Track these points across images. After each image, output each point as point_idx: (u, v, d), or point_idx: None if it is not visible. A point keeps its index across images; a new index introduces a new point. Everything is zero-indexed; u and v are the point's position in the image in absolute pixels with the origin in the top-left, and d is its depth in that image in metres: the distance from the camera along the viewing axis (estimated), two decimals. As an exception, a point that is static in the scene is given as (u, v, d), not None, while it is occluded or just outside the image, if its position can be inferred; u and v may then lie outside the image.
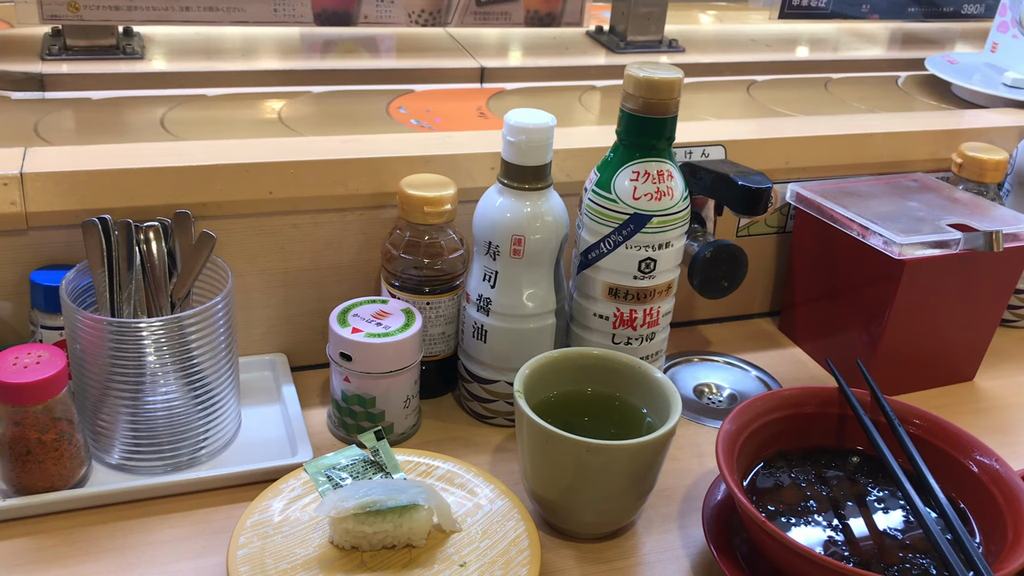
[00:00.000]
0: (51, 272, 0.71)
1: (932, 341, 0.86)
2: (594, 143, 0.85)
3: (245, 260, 0.78)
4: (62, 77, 0.96)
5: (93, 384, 0.67)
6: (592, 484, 0.63)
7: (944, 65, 1.22)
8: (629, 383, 0.70)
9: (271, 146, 0.79)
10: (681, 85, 0.69)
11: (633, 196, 0.70)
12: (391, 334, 0.71)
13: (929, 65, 1.21)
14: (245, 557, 0.60)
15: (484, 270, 0.74)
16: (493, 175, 0.73)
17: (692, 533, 0.68)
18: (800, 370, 0.90)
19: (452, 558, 0.62)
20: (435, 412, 0.80)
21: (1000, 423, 0.84)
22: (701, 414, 0.82)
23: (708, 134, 0.90)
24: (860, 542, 0.62)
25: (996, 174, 0.92)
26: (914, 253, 0.79)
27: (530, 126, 0.69)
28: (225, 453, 0.72)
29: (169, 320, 0.66)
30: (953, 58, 1.26)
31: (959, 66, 1.22)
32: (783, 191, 0.93)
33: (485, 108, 0.96)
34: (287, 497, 0.65)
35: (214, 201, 0.75)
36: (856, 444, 0.70)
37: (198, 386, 0.69)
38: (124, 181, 0.72)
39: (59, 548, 0.63)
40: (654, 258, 0.72)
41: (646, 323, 0.74)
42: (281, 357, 0.82)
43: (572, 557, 0.65)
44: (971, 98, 1.15)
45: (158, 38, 1.10)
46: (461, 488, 0.67)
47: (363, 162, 0.78)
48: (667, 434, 0.63)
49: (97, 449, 0.69)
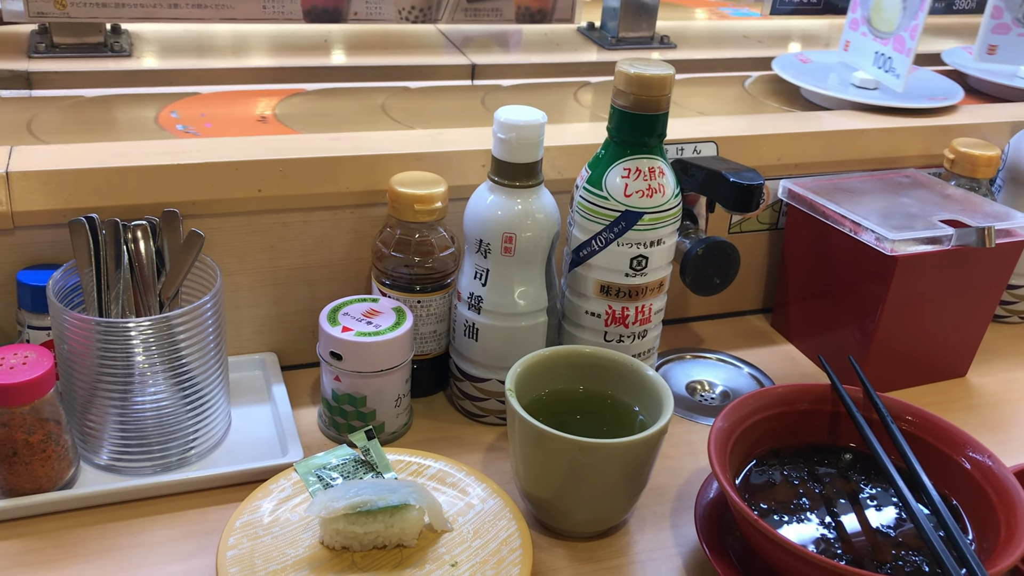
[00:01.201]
0: (38, 272, 0.70)
1: (925, 337, 0.86)
2: (586, 140, 0.84)
3: (235, 259, 0.77)
4: (49, 75, 0.95)
5: (81, 384, 0.66)
6: (584, 483, 0.63)
7: (794, 65, 1.13)
8: (621, 381, 0.70)
9: (260, 144, 0.78)
10: (672, 81, 0.68)
11: (624, 193, 0.70)
12: (382, 333, 0.71)
13: (776, 66, 1.12)
14: (235, 558, 0.59)
15: (475, 268, 0.73)
16: (484, 172, 0.73)
17: (685, 531, 0.68)
18: (793, 367, 0.90)
19: (444, 558, 0.62)
20: (427, 411, 0.79)
21: (993, 419, 0.84)
22: (694, 412, 0.82)
23: (700, 131, 0.89)
24: (853, 539, 0.62)
25: (988, 170, 0.92)
26: (906, 249, 0.79)
27: (520, 123, 0.68)
28: (215, 453, 0.72)
29: (157, 320, 0.65)
30: (806, 56, 1.18)
31: (811, 65, 1.14)
32: (775, 187, 0.92)
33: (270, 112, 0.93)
34: (277, 497, 0.65)
35: (203, 200, 0.74)
36: (849, 441, 0.70)
37: (187, 386, 0.68)
38: (111, 180, 0.72)
39: (47, 550, 0.62)
40: (646, 255, 0.71)
41: (638, 321, 0.74)
42: (271, 356, 0.81)
43: (564, 556, 0.65)
44: (819, 101, 1.06)
45: (146, 35, 1.10)
46: (453, 487, 0.67)
47: (353, 160, 0.77)
48: (659, 432, 0.62)
49: (85, 450, 0.69)
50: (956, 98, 1.04)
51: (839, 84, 1.07)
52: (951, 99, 1.04)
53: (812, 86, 1.05)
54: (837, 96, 1.02)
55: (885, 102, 1.00)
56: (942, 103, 1.02)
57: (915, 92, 1.04)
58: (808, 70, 1.12)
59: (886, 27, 1.02)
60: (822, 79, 1.08)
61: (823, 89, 1.04)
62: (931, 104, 1.01)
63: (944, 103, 1.02)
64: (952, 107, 1.02)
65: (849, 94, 1.02)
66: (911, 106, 1.00)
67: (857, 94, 1.03)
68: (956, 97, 1.04)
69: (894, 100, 1.01)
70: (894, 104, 1.00)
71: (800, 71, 1.11)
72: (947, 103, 1.02)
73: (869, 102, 1.00)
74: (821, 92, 1.04)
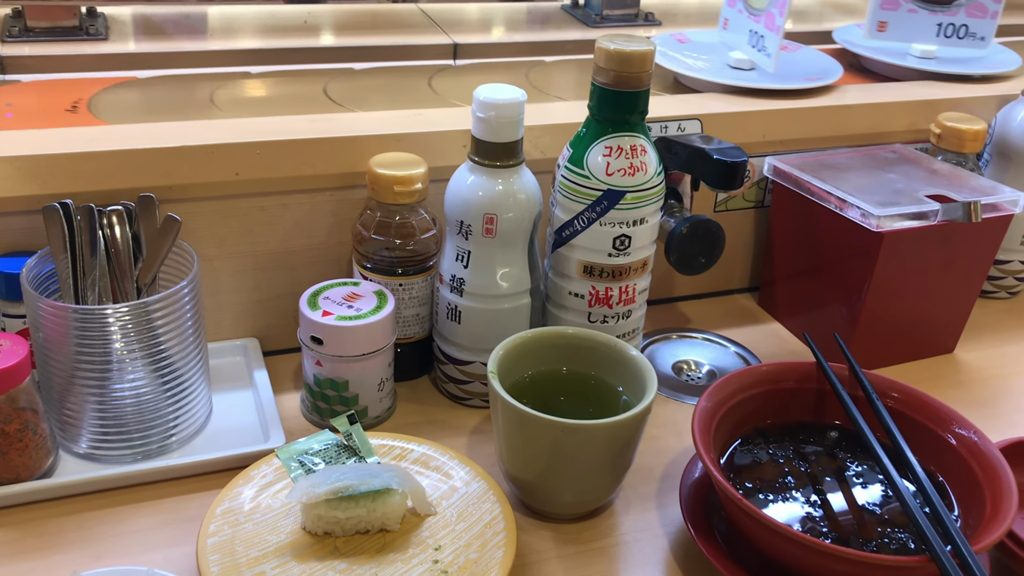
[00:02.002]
0: (12, 259, 0.69)
1: (912, 314, 0.85)
2: (569, 119, 0.83)
3: (213, 244, 0.76)
4: (23, 59, 0.94)
5: (58, 373, 0.65)
6: (568, 464, 0.63)
7: (671, 46, 1.04)
8: (605, 362, 0.69)
9: (237, 127, 0.77)
10: (653, 57, 0.67)
11: (606, 172, 0.69)
12: (362, 317, 0.70)
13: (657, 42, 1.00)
14: (215, 545, 0.59)
15: (457, 250, 0.72)
16: (465, 153, 0.72)
17: (671, 512, 0.67)
18: (780, 345, 0.90)
19: (427, 542, 0.61)
20: (411, 395, 0.79)
21: (981, 395, 0.84)
22: (680, 391, 0.81)
23: (684, 108, 0.89)
24: (839, 517, 0.61)
25: (975, 144, 0.91)
26: (892, 225, 0.78)
27: (499, 101, 0.67)
28: (196, 440, 0.71)
29: (135, 306, 0.64)
30: (684, 36, 1.08)
31: (689, 46, 1.05)
32: (760, 165, 0.92)
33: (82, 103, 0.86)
34: (258, 484, 0.64)
35: (179, 184, 0.73)
36: (835, 419, 0.69)
37: (166, 373, 0.67)
38: (86, 165, 0.71)
39: (26, 540, 0.62)
40: (629, 235, 0.71)
41: (622, 301, 0.73)
42: (253, 342, 0.81)
43: (549, 538, 0.65)
44: (692, 84, 0.99)
45: (122, 18, 1.08)
46: (436, 471, 0.67)
47: (332, 141, 0.76)
48: (642, 412, 0.62)
49: (64, 439, 0.68)
50: (833, 77, 0.97)
51: (712, 65, 0.99)
52: (827, 78, 0.97)
53: (682, 69, 0.97)
54: (706, 79, 0.95)
55: (756, 83, 0.93)
56: (816, 83, 0.95)
57: (793, 72, 0.97)
58: (684, 51, 1.04)
59: (759, 4, 0.95)
60: (695, 61, 1.00)
61: (689, 71, 0.97)
62: (806, 84, 0.94)
63: (818, 83, 0.95)
64: (830, 87, 0.98)
65: (723, 76, 0.95)
66: (783, 87, 0.94)
67: (732, 76, 0.95)
68: (833, 76, 0.98)
69: (767, 81, 0.94)
70: (765, 85, 0.93)
71: (677, 52, 1.03)
72: (821, 83, 0.95)
73: (740, 84, 0.93)
74: (688, 75, 0.97)
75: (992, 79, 1.03)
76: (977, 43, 1.07)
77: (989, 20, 1.05)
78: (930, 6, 1.04)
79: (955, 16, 1.05)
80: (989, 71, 1.04)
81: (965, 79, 1.03)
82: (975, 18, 1.05)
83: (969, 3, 1.04)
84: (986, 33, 1.06)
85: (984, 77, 1.03)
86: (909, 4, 1.05)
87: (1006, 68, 1.05)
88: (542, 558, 0.63)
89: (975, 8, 1.04)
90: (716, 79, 0.95)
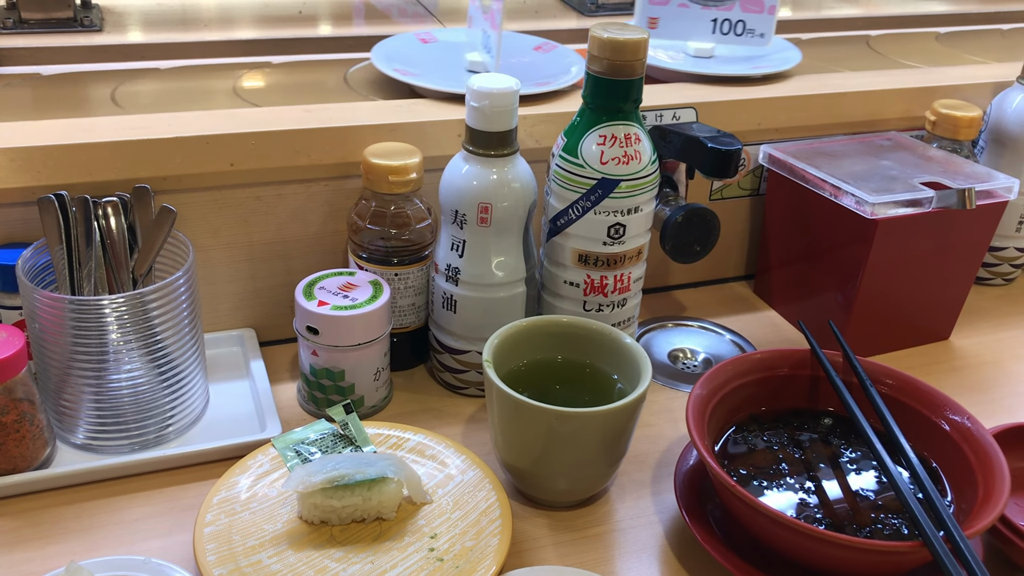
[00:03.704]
0: (8, 251, 0.69)
1: (907, 301, 0.85)
2: (564, 108, 0.83)
3: (208, 234, 0.76)
4: (18, 51, 0.94)
5: (55, 364, 0.65)
6: (563, 452, 0.63)
7: (411, 47, 0.95)
8: (599, 350, 0.69)
9: (231, 117, 0.77)
10: (647, 46, 0.67)
11: (600, 160, 0.69)
12: (358, 306, 0.70)
13: (377, 53, 0.91)
14: (212, 534, 0.59)
15: (452, 239, 0.72)
16: (460, 142, 0.72)
17: (666, 499, 0.68)
18: (776, 333, 0.90)
19: (423, 530, 0.61)
20: (407, 384, 0.79)
21: (976, 381, 0.84)
22: (676, 379, 0.82)
23: (678, 96, 0.88)
24: (833, 504, 0.62)
25: (970, 131, 0.91)
26: (886, 212, 0.78)
27: (494, 90, 0.67)
28: (193, 430, 0.71)
29: (131, 296, 0.65)
30: (429, 35, 0.98)
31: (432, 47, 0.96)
32: (755, 153, 0.92)
33: None
34: (255, 473, 0.64)
35: (174, 175, 0.73)
36: (829, 406, 0.69)
37: (163, 363, 0.67)
38: (81, 156, 0.71)
39: (24, 530, 0.62)
40: (623, 223, 0.71)
41: (617, 289, 0.73)
42: (249, 332, 0.81)
43: (545, 525, 0.65)
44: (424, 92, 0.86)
45: (117, 9, 1.08)
46: (432, 459, 0.67)
47: (326, 131, 0.76)
48: (637, 400, 0.62)
49: (61, 429, 0.68)
50: (562, 82, 0.87)
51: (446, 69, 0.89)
52: (555, 83, 0.87)
53: (407, 78, 0.86)
54: (431, 87, 0.84)
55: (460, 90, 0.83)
56: (545, 87, 0.85)
57: (531, 74, 0.87)
58: (421, 54, 0.94)
59: (487, 1, 0.87)
60: (430, 65, 0.90)
61: (416, 80, 0.86)
62: (538, 90, 0.85)
63: (548, 88, 0.85)
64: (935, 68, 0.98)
65: (447, 83, 0.84)
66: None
67: (460, 82, 0.83)
68: (562, 80, 0.87)
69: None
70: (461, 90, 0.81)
71: (413, 54, 0.93)
72: (551, 88, 0.86)
73: (460, 91, 0.82)
74: (414, 84, 0.86)
75: (772, 79, 0.94)
76: (757, 40, 0.96)
77: (767, 16, 0.94)
78: (703, 1, 0.95)
79: (730, 11, 0.95)
80: (768, 70, 0.95)
81: (742, 80, 0.93)
82: (751, 13, 0.95)
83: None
84: (765, 29, 0.96)
85: (765, 77, 0.94)
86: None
87: (786, 66, 0.96)
88: (537, 545, 0.63)
89: (750, 2, 0.94)
90: (436, 86, 0.85)
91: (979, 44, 1.24)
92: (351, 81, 0.94)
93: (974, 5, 1.42)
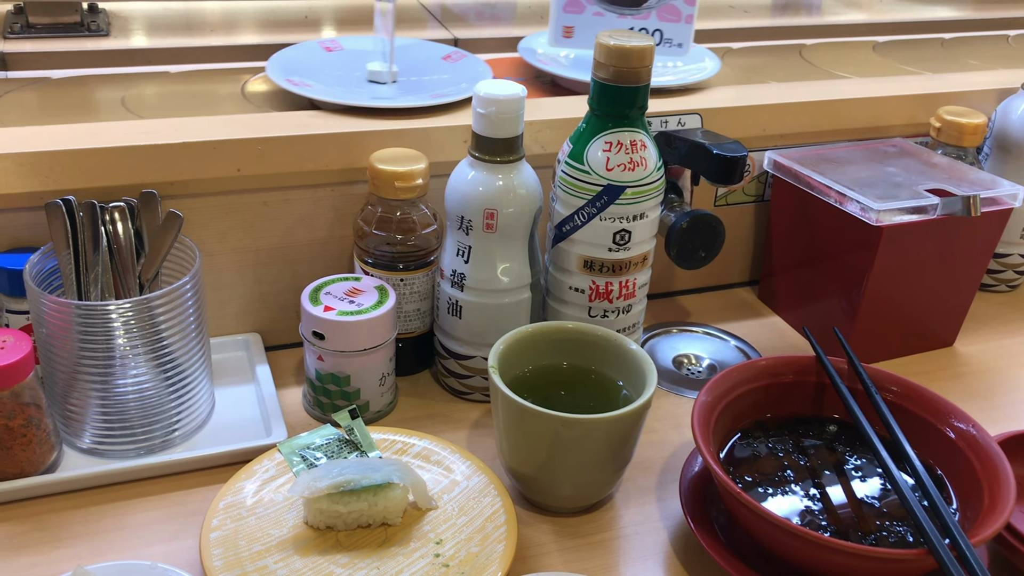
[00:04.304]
0: (15, 255, 0.70)
1: (911, 307, 0.85)
2: (570, 114, 0.84)
3: (215, 239, 0.77)
4: (25, 56, 0.94)
5: (61, 368, 0.66)
6: (568, 458, 0.63)
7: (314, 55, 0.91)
8: (604, 356, 0.69)
9: (238, 122, 0.77)
10: (652, 53, 0.67)
11: (606, 167, 0.69)
12: (364, 312, 0.70)
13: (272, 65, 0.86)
14: (218, 540, 0.59)
15: (457, 245, 0.73)
16: (466, 148, 0.72)
17: (670, 505, 0.68)
18: (780, 339, 0.90)
19: (428, 536, 0.62)
20: (412, 389, 0.79)
21: (980, 388, 0.84)
22: (680, 385, 0.82)
23: (684, 103, 0.89)
24: (837, 511, 0.62)
25: (975, 138, 0.92)
26: (891, 219, 0.78)
27: (500, 97, 0.67)
28: (198, 435, 0.72)
29: (138, 302, 0.65)
30: (335, 43, 0.93)
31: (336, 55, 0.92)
32: (760, 159, 0.92)
33: None
34: (261, 478, 0.65)
35: (181, 180, 0.73)
36: (834, 412, 0.70)
37: (169, 368, 0.68)
38: (88, 161, 0.71)
39: (30, 535, 0.62)
40: (629, 230, 0.71)
41: (622, 295, 0.74)
42: (255, 337, 0.81)
43: (550, 532, 0.65)
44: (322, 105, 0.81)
45: (124, 14, 1.08)
46: (437, 465, 0.67)
47: (333, 137, 0.77)
48: (642, 407, 0.62)
49: (68, 434, 0.68)
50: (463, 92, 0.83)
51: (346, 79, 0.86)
52: (454, 95, 0.83)
53: (300, 89, 0.82)
54: (325, 99, 0.80)
55: (374, 103, 0.80)
56: (442, 99, 0.82)
57: (431, 86, 0.86)
58: (322, 64, 0.90)
59: (384, 7, 0.86)
60: (330, 75, 0.87)
61: (309, 92, 0.82)
62: (432, 102, 0.81)
63: (444, 99, 0.82)
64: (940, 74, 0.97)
65: (343, 95, 0.81)
66: (400, 105, 0.80)
67: (357, 94, 0.81)
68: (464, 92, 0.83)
69: (387, 100, 0.81)
70: (383, 104, 0.80)
71: (314, 63, 0.89)
72: (447, 100, 0.82)
73: (359, 104, 0.80)
74: (307, 95, 0.82)
75: (691, 90, 0.92)
76: (675, 49, 0.93)
77: (684, 24, 0.92)
78: (618, 9, 0.91)
79: (647, 20, 0.92)
80: (685, 81, 0.92)
81: (659, 92, 0.89)
82: (668, 22, 0.92)
83: (660, 5, 0.91)
84: (683, 39, 0.93)
85: (683, 88, 0.91)
86: (595, 7, 0.91)
87: (704, 76, 0.93)
88: (543, 551, 0.63)
89: (667, 11, 0.91)
90: (332, 98, 0.80)
91: (983, 50, 1.24)
92: (248, 93, 0.90)
93: (976, 11, 1.42)
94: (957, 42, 1.28)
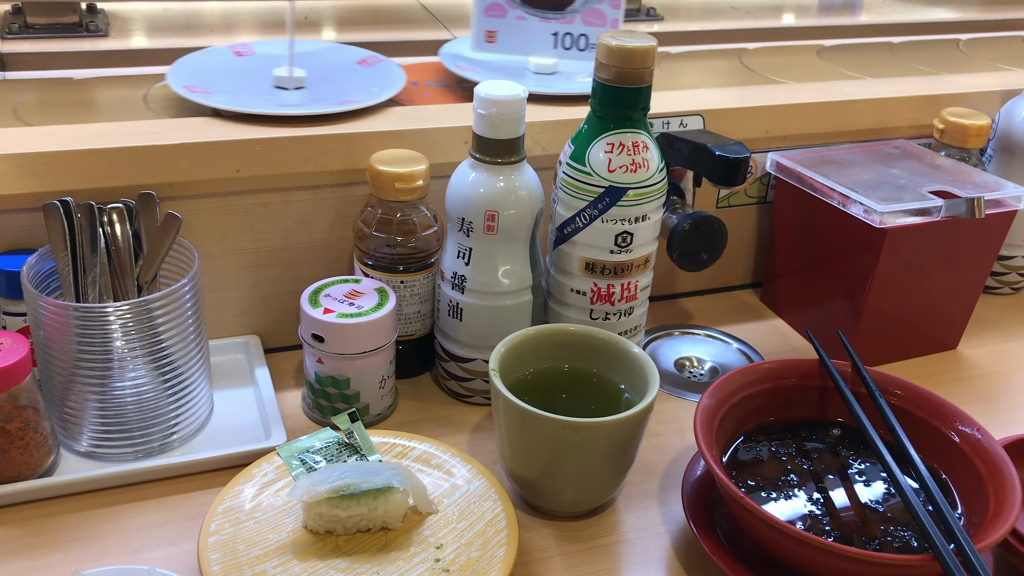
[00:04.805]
0: (13, 257, 0.69)
1: (915, 310, 0.85)
2: (571, 115, 0.83)
3: (214, 241, 0.76)
4: (23, 56, 0.94)
5: (59, 371, 0.65)
6: (570, 462, 0.62)
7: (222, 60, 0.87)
8: (606, 359, 0.69)
9: (237, 123, 0.77)
10: (655, 54, 0.67)
11: (608, 168, 0.68)
12: (364, 314, 0.70)
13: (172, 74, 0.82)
14: (216, 544, 0.59)
15: (458, 247, 0.72)
16: (467, 149, 0.71)
17: (673, 509, 0.67)
18: (783, 342, 0.89)
19: (428, 540, 0.61)
20: (413, 392, 0.79)
21: (984, 391, 0.83)
22: (682, 388, 0.81)
23: (686, 104, 0.88)
24: (841, 515, 0.61)
25: (978, 139, 0.91)
26: (895, 221, 0.78)
27: (501, 98, 0.67)
28: (197, 438, 0.71)
29: (136, 304, 0.64)
30: (246, 47, 0.90)
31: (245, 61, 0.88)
32: (763, 160, 0.91)
33: None
34: (260, 482, 0.64)
35: (180, 181, 0.73)
36: (837, 416, 0.69)
37: (168, 370, 0.67)
38: (86, 162, 0.71)
39: (27, 539, 0.61)
40: (631, 232, 0.70)
41: (624, 298, 0.73)
42: (254, 339, 0.80)
43: (551, 536, 0.64)
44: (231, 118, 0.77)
45: (123, 14, 1.08)
46: (438, 469, 0.66)
47: (333, 138, 0.76)
48: (644, 410, 0.62)
49: (65, 437, 0.68)
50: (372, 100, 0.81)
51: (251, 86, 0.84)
52: (363, 100, 0.81)
53: (197, 96, 0.78)
54: (223, 107, 0.78)
55: (276, 110, 0.78)
56: (345, 107, 0.79)
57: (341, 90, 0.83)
58: (228, 69, 0.87)
59: None
60: (234, 81, 0.84)
61: (207, 100, 0.78)
62: (336, 108, 0.79)
63: (348, 107, 0.79)
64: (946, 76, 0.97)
65: (244, 103, 0.78)
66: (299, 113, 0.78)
67: (259, 102, 0.79)
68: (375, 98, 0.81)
69: (290, 107, 0.79)
70: (282, 112, 0.78)
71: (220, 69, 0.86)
72: (351, 107, 0.79)
73: (258, 112, 0.77)
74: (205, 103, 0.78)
75: None
76: None
77: (610, 29, 0.87)
78: (541, 13, 0.88)
79: (571, 25, 0.88)
80: None
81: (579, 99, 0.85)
82: (593, 27, 0.88)
83: (584, 9, 0.87)
84: None
85: None
86: (517, 11, 0.88)
87: None
88: (544, 556, 0.63)
89: (591, 15, 0.88)
90: (230, 106, 0.78)
91: (997, 51, 1.24)
92: (151, 100, 0.86)
93: (984, 12, 1.42)
94: (970, 43, 1.28)
